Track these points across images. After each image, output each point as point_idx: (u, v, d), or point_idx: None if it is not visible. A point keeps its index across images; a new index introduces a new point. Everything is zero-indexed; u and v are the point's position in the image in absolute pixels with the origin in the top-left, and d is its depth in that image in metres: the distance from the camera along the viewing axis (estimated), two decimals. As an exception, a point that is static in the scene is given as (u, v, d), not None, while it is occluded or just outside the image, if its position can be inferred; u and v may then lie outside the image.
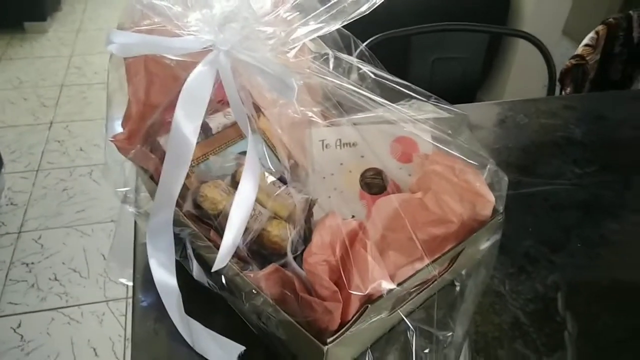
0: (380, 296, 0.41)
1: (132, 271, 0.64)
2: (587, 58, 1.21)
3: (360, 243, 0.41)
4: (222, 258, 0.45)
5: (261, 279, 0.45)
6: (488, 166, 0.56)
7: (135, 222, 0.63)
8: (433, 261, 0.44)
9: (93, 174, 2.08)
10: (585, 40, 1.23)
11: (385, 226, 0.44)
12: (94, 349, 1.48)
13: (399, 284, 0.41)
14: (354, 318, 0.40)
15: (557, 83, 1.18)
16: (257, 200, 0.51)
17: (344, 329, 0.40)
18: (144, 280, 0.60)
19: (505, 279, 0.61)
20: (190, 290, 0.53)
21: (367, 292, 0.39)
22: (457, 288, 0.56)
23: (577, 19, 2.08)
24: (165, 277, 0.52)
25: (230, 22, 0.45)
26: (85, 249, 1.78)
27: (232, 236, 0.46)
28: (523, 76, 2.07)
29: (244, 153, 0.59)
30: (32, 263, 1.71)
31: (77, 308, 1.59)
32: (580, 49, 1.23)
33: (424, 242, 0.46)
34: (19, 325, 1.52)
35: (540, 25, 1.93)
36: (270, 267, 0.45)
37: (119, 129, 0.56)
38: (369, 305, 0.40)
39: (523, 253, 0.65)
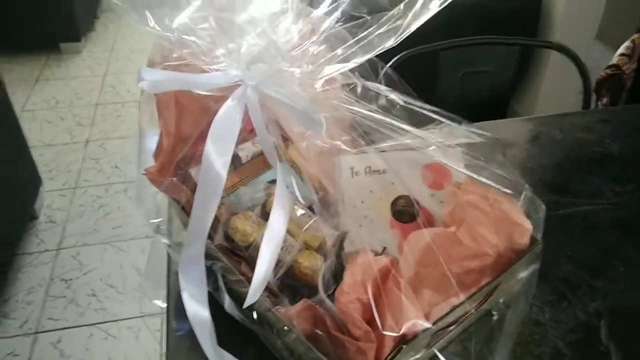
0: (415, 335, 0.40)
1: (165, 292, 0.64)
2: (624, 68, 1.17)
3: (393, 281, 0.40)
4: (254, 293, 0.45)
5: (293, 316, 0.44)
6: (524, 193, 0.54)
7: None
8: (469, 297, 0.43)
9: (128, 191, 2.13)
10: (621, 50, 1.20)
11: (418, 262, 0.43)
12: (131, 364, 1.51)
13: (434, 323, 0.41)
14: (388, 358, 0.39)
15: (593, 93, 1.15)
16: (288, 232, 0.51)
17: (378, 369, 0.39)
18: (177, 309, 0.60)
19: (545, 307, 0.59)
20: (223, 321, 0.53)
21: (401, 332, 0.39)
22: (495, 318, 0.55)
23: (611, 23, 2.02)
24: (197, 309, 0.52)
25: (257, 62, 0.45)
26: (122, 264, 1.82)
27: (263, 270, 0.46)
28: (557, 86, 2.03)
29: (273, 182, 0.59)
30: (71, 279, 1.75)
31: (114, 323, 1.62)
32: (615, 59, 1.20)
33: (458, 277, 0.45)
34: (59, 341, 1.55)
35: (572, 32, 1.89)
36: (302, 304, 0.45)
37: (151, 161, 0.57)
38: (404, 346, 0.39)
39: (562, 279, 0.63)
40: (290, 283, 0.52)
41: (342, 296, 0.39)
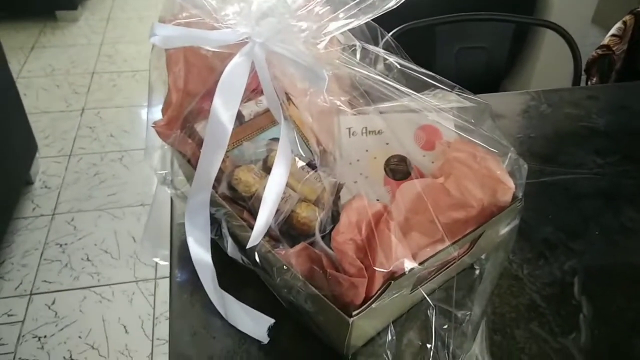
0: (403, 274, 0.44)
1: (164, 251, 0.68)
2: (614, 48, 1.21)
3: (385, 224, 0.44)
4: (256, 236, 0.49)
5: (291, 256, 0.48)
6: (509, 154, 0.58)
7: (172, 204, 0.67)
8: (453, 243, 0.47)
9: (123, 160, 2.15)
10: (612, 31, 1.23)
11: (408, 209, 0.47)
12: (124, 327, 1.55)
13: (420, 263, 0.45)
14: (377, 293, 0.43)
15: (583, 73, 1.19)
16: (288, 184, 0.55)
17: (368, 303, 0.43)
18: (180, 257, 0.64)
19: (524, 263, 0.63)
20: (224, 266, 0.57)
21: (390, 269, 0.43)
22: (477, 271, 0.59)
23: (608, 7, 2.05)
24: (201, 253, 0.56)
25: (267, 17, 0.48)
26: (116, 231, 1.85)
27: (265, 216, 0.49)
28: (550, 65, 2.06)
29: (274, 139, 0.63)
30: (66, 244, 1.78)
31: (108, 287, 1.66)
32: (607, 39, 1.23)
33: (445, 225, 0.49)
34: (53, 302, 1.59)
35: (568, 14, 1.92)
36: (300, 245, 0.49)
37: (159, 115, 0.60)
38: (392, 282, 0.43)
39: (542, 239, 0.67)
40: (289, 232, 0.56)
41: (338, 235, 0.43)
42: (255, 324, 0.54)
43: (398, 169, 0.60)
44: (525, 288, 0.61)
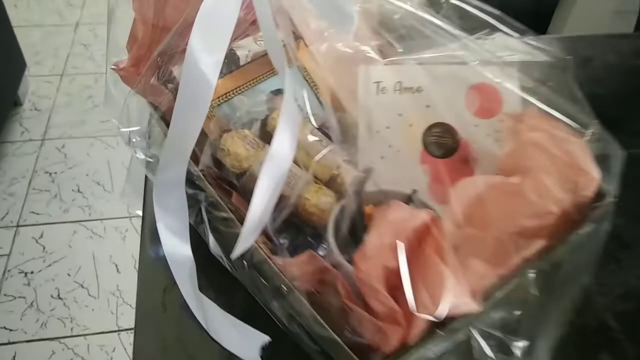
0: (457, 318, 0.30)
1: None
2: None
3: (433, 245, 0.30)
4: (245, 239, 0.35)
5: (294, 272, 0.34)
6: (590, 130, 0.43)
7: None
8: (524, 267, 0.33)
9: (119, 83, 1.99)
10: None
11: (466, 219, 0.33)
12: (116, 265, 1.46)
13: (482, 301, 0.31)
14: (417, 344, 0.30)
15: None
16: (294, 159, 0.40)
17: (402, 354, 0.30)
18: (155, 232, 0.50)
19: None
20: (207, 261, 0.43)
21: (439, 314, 0.29)
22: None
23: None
24: (176, 245, 0.42)
25: None
26: (109, 161, 1.72)
27: (259, 210, 0.35)
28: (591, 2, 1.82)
29: (278, 92, 0.47)
30: (55, 173, 1.67)
31: (100, 222, 1.55)
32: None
33: (509, 237, 0.34)
34: (41, 236, 1.49)
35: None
36: (306, 255, 0.35)
37: (123, 53, 0.44)
38: (439, 332, 0.29)
39: (613, 235, 0.53)
40: (290, 219, 0.42)
41: (364, 262, 0.29)
42: (244, 341, 0.41)
43: (441, 143, 0.45)
44: (591, 302, 0.47)
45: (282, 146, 0.36)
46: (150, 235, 0.52)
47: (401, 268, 0.28)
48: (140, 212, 0.57)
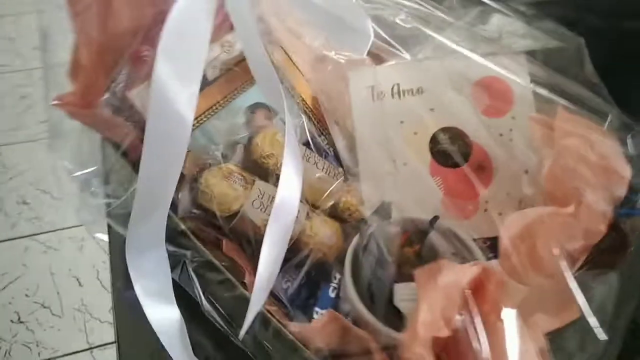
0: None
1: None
2: None
3: (490, 305, 0.25)
4: (253, 308, 0.29)
5: (315, 334, 0.29)
6: (609, 118, 0.38)
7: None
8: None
9: (53, 78, 1.83)
10: None
11: (525, 265, 0.27)
12: (77, 279, 1.36)
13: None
14: None
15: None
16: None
17: None
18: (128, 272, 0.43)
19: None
20: (197, 315, 0.36)
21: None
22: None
23: None
24: (159, 308, 0.35)
25: None
26: (54, 165, 1.59)
27: (267, 272, 0.29)
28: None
29: (256, 106, 0.40)
30: (-5, 185, 1.53)
31: (53, 234, 1.44)
32: None
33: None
34: (-10, 257, 1.38)
35: None
36: (327, 316, 0.29)
37: (65, 84, 0.36)
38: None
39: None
40: (288, 258, 0.36)
41: (414, 343, 0.23)
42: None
43: (452, 150, 0.39)
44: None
45: (289, 193, 0.29)
46: (122, 274, 0.45)
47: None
48: (103, 236, 0.48)
